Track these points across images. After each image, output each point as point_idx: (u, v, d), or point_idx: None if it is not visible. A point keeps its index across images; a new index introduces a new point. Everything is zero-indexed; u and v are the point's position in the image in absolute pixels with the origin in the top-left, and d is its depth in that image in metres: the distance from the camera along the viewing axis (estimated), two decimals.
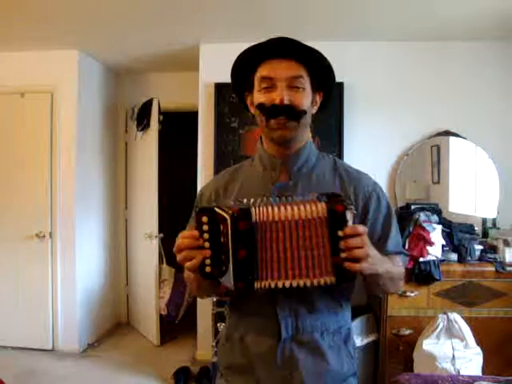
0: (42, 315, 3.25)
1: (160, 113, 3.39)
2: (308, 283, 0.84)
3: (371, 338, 2.50)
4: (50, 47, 3.13)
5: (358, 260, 0.81)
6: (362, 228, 0.83)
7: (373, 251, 0.86)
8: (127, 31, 2.86)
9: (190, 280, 1.03)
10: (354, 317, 2.53)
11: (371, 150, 2.97)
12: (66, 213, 3.23)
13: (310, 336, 0.97)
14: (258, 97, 0.99)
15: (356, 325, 2.51)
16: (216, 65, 2.95)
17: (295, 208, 0.83)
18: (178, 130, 4.32)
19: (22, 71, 3.24)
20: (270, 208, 0.84)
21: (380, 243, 0.97)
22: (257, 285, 0.86)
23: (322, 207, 0.83)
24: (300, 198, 0.87)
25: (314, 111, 1.05)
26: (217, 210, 0.85)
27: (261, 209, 0.84)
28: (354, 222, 0.84)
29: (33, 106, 3.23)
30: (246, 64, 1.02)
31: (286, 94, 0.95)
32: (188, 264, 0.85)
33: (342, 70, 2.94)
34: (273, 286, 0.85)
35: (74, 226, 3.23)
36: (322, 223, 0.83)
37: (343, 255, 0.81)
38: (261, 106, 0.97)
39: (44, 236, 3.21)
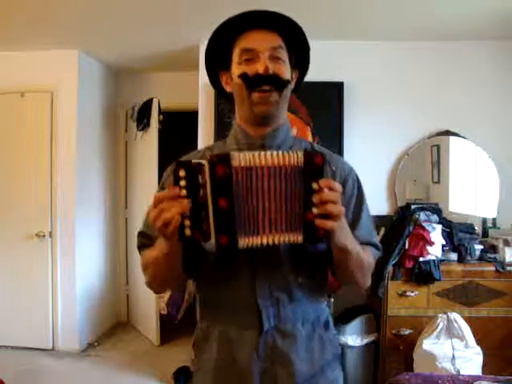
0: (42, 315, 3.25)
1: (160, 112, 3.39)
2: (276, 240, 0.78)
3: (371, 338, 2.50)
4: (50, 47, 3.13)
5: (329, 217, 0.76)
6: (338, 185, 0.77)
7: (344, 221, 0.82)
8: (127, 31, 2.86)
9: (150, 264, 0.95)
10: (353, 317, 2.54)
11: (371, 150, 2.97)
12: (65, 212, 3.23)
13: (292, 325, 0.96)
14: (240, 68, 0.93)
15: (356, 325, 2.52)
16: None
17: (274, 154, 0.77)
18: (178, 130, 4.32)
19: (22, 71, 3.24)
20: (250, 154, 0.78)
21: (350, 228, 0.91)
22: (241, 242, 0.78)
23: (299, 155, 0.76)
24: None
25: (291, 88, 1.00)
26: (194, 160, 0.77)
27: (241, 154, 0.77)
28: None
29: (33, 105, 3.23)
30: (222, 38, 0.98)
31: (270, 64, 0.91)
32: (166, 230, 0.75)
33: (342, 70, 2.98)
34: (256, 243, 0.79)
35: (73, 226, 3.24)
36: (298, 173, 0.76)
37: (315, 211, 0.75)
38: (244, 76, 0.91)
39: (44, 236, 3.21)
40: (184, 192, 0.75)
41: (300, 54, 1.02)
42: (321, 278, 1.02)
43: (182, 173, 0.75)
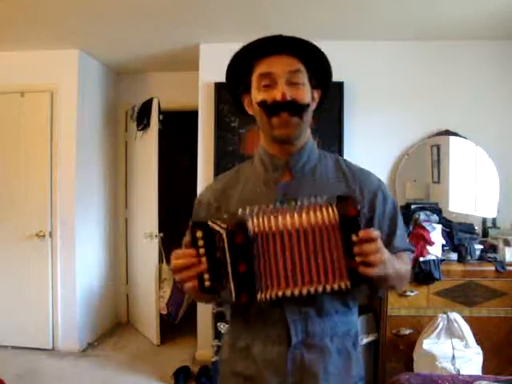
0: (42, 315, 3.25)
1: (160, 112, 3.39)
2: (320, 289, 0.83)
3: (371, 338, 2.50)
4: (50, 47, 3.13)
5: (371, 265, 0.79)
6: (376, 233, 0.81)
7: (386, 254, 0.84)
8: (127, 31, 2.86)
9: (186, 291, 1.00)
10: None
11: (371, 150, 2.97)
12: (65, 212, 3.23)
13: (320, 340, 0.95)
14: (258, 95, 0.96)
15: None
16: (216, 65, 2.93)
17: (303, 215, 0.82)
18: (178, 130, 4.32)
19: (22, 71, 3.23)
20: (269, 218, 0.82)
21: (387, 241, 0.96)
22: (260, 296, 0.84)
23: (332, 212, 0.81)
24: (305, 202, 0.84)
25: (313, 108, 1.02)
26: (211, 224, 0.82)
27: (258, 220, 0.82)
28: (362, 221, 0.83)
29: (33, 105, 3.23)
30: (242, 63, 1.00)
31: (287, 89, 0.92)
32: (188, 285, 0.83)
33: (341, 70, 2.97)
34: (280, 294, 0.84)
35: (73, 226, 3.23)
36: (334, 228, 0.81)
37: (358, 259, 0.79)
38: (262, 104, 0.94)
39: (44, 235, 3.21)
40: (202, 251, 0.82)
41: (320, 74, 1.02)
42: (353, 290, 1.00)
43: (199, 234, 0.82)
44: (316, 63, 1.00)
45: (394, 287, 1.00)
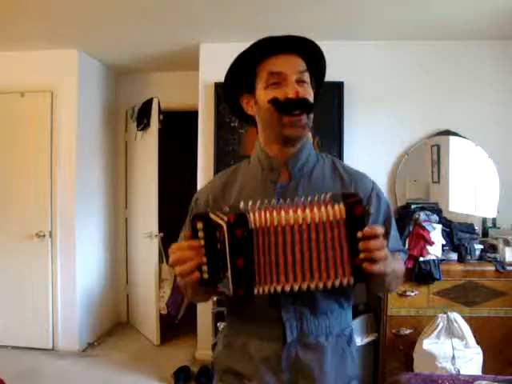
0: (42, 315, 3.25)
1: (160, 112, 3.39)
2: (321, 285, 0.82)
3: (371, 338, 2.50)
4: (49, 47, 3.13)
5: (375, 261, 0.79)
6: (379, 229, 0.81)
7: (388, 252, 0.84)
8: (127, 31, 2.86)
9: (181, 286, 0.98)
10: (353, 317, 2.54)
11: (371, 150, 2.97)
12: (65, 212, 3.23)
13: (315, 339, 0.96)
14: (267, 93, 0.95)
15: (356, 325, 2.51)
16: (216, 65, 2.93)
17: (306, 211, 0.81)
18: (178, 130, 4.33)
19: (22, 71, 3.24)
20: (271, 212, 0.81)
21: None
22: (257, 290, 0.83)
23: (338, 210, 0.80)
24: (309, 199, 0.83)
25: None
26: (212, 216, 0.82)
27: (260, 214, 0.81)
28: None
29: (33, 105, 3.23)
30: (247, 63, 0.99)
31: (298, 87, 0.94)
32: (187, 278, 0.83)
33: (342, 70, 2.98)
34: (278, 289, 0.83)
35: (73, 226, 3.23)
36: (340, 225, 0.80)
37: (362, 256, 0.79)
38: (275, 101, 0.93)
39: (44, 235, 3.21)
40: (202, 242, 0.82)
41: (317, 75, 1.04)
42: (346, 289, 1.00)
43: (199, 225, 0.81)
44: (316, 65, 1.02)
45: (388, 287, 1.00)
